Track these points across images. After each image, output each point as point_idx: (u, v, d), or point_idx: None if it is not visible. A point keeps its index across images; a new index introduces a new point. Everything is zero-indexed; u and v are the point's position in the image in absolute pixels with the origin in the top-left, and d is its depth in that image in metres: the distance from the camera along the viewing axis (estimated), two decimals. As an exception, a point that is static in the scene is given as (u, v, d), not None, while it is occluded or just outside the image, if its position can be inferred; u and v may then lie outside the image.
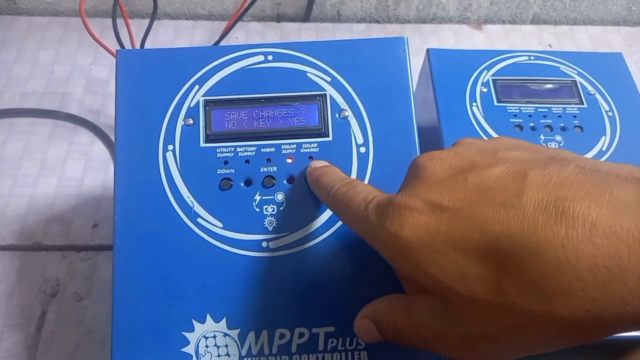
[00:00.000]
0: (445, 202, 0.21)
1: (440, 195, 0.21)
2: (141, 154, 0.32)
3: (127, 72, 0.33)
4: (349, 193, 0.26)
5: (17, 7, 0.66)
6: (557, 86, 0.44)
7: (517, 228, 0.18)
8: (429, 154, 0.24)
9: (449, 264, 0.20)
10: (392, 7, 0.69)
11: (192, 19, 0.68)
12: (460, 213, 0.20)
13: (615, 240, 0.17)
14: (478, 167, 0.22)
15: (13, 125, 0.56)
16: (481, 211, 0.20)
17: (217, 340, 0.29)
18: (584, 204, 0.18)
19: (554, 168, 0.20)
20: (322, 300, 0.30)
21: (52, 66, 0.61)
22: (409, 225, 0.21)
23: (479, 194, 0.20)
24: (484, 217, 0.19)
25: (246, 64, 0.33)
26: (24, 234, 0.50)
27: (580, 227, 0.17)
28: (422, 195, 0.22)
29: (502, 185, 0.20)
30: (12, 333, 0.44)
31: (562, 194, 0.18)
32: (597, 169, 0.19)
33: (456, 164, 0.23)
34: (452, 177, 0.22)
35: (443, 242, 0.20)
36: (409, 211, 0.21)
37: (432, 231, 0.21)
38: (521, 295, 0.18)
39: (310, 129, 0.32)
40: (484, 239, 0.19)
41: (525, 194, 0.19)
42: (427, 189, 0.22)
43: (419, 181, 0.23)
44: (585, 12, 0.72)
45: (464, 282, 0.20)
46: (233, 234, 0.30)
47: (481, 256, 0.19)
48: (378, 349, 0.29)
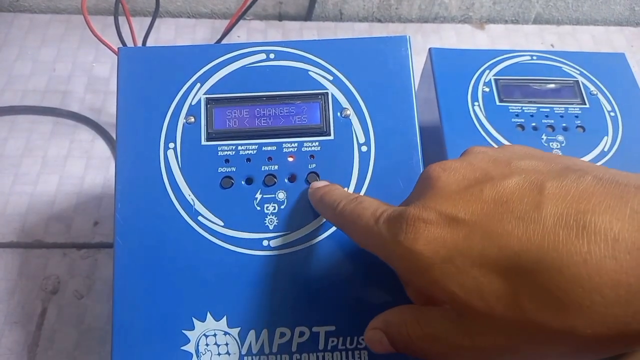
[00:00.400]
0: (461, 215, 0.20)
1: (455, 207, 0.21)
2: (142, 152, 0.32)
3: (128, 69, 0.33)
4: (356, 209, 0.25)
5: (19, 4, 0.66)
6: (559, 86, 0.44)
7: (538, 243, 0.18)
8: (440, 164, 0.24)
9: (467, 279, 0.20)
10: (395, 6, 0.69)
11: (194, 17, 0.68)
12: (478, 227, 0.20)
13: (637, 256, 0.16)
14: (493, 179, 0.21)
15: (14, 123, 0.56)
16: (499, 225, 0.19)
17: (218, 339, 0.29)
18: (605, 217, 0.17)
19: (571, 179, 0.19)
20: (322, 299, 0.29)
21: (53, 64, 0.61)
22: (424, 239, 0.21)
23: (495, 206, 0.20)
24: (503, 232, 0.19)
25: (248, 62, 0.33)
26: (25, 232, 0.50)
27: (603, 243, 0.17)
28: (437, 208, 0.21)
29: (519, 197, 0.20)
30: (12, 331, 0.44)
31: (582, 207, 0.18)
32: (616, 181, 0.19)
33: (470, 175, 0.22)
34: (466, 189, 0.21)
35: (460, 256, 0.20)
36: (424, 224, 0.21)
37: (449, 245, 0.20)
38: (541, 311, 0.18)
39: (311, 127, 0.32)
40: (503, 254, 0.19)
41: (545, 207, 0.19)
42: (442, 201, 0.21)
43: (431, 193, 0.22)
44: (587, 12, 0.72)
45: (483, 297, 0.19)
46: (234, 232, 0.30)
47: (500, 272, 0.19)
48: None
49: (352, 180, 0.31)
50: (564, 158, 0.23)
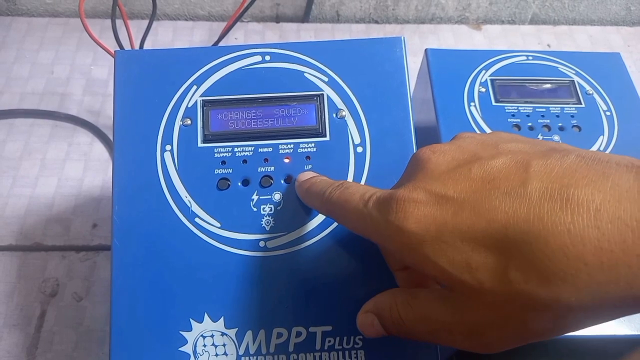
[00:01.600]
0: (450, 192, 0.21)
1: (444, 186, 0.21)
2: (139, 154, 0.32)
3: (125, 72, 0.33)
4: (343, 194, 0.25)
5: (17, 7, 0.66)
6: (555, 86, 0.44)
7: (524, 216, 0.19)
8: (430, 147, 0.24)
9: (456, 254, 0.20)
10: (391, 8, 0.69)
11: (191, 20, 0.69)
12: (466, 203, 0.20)
13: (619, 225, 0.17)
14: (481, 159, 0.22)
15: (13, 126, 0.56)
16: (487, 201, 0.20)
17: (215, 340, 0.29)
18: (587, 190, 0.18)
19: (556, 158, 0.20)
20: (319, 299, 0.30)
21: (51, 67, 0.61)
22: (414, 218, 0.21)
23: (483, 184, 0.21)
24: (490, 207, 0.20)
25: (244, 64, 0.34)
26: (24, 234, 0.50)
27: (585, 213, 0.18)
28: (426, 187, 0.22)
29: (506, 175, 0.20)
30: (11, 333, 0.45)
31: (566, 181, 0.19)
32: (598, 158, 0.20)
33: (459, 156, 0.23)
34: (455, 169, 0.22)
35: (450, 232, 0.20)
36: (414, 203, 0.21)
37: (438, 222, 0.21)
38: (528, 281, 0.18)
39: (307, 129, 0.32)
40: (491, 227, 0.19)
41: (530, 183, 0.19)
42: (431, 181, 0.22)
43: (421, 174, 0.23)
44: (584, 12, 0.72)
45: (472, 272, 0.20)
46: (230, 233, 0.31)
47: (488, 245, 0.19)
48: (375, 347, 0.29)
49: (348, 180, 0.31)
50: (549, 142, 0.23)
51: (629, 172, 0.18)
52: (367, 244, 0.30)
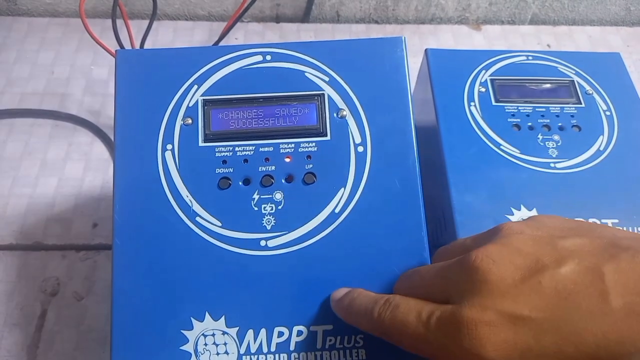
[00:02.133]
0: (525, 312, 0.20)
1: (516, 304, 0.20)
2: (140, 154, 0.32)
3: (126, 72, 0.33)
4: (397, 316, 0.24)
5: (17, 8, 0.66)
6: (555, 86, 0.44)
7: (614, 337, 0.18)
8: (485, 252, 0.22)
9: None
10: (391, 8, 0.69)
11: (191, 20, 0.69)
12: (546, 324, 0.19)
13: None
14: (547, 268, 0.20)
15: (13, 126, 0.56)
16: (570, 322, 0.19)
17: (216, 339, 0.29)
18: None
19: (626, 260, 0.19)
20: (320, 298, 0.30)
21: (52, 67, 0.61)
22: (492, 344, 0.20)
23: (560, 300, 0.19)
24: (576, 329, 0.19)
25: (245, 64, 0.34)
26: (24, 234, 0.50)
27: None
28: (496, 307, 0.20)
29: (582, 288, 0.19)
30: (12, 332, 0.45)
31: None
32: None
33: (520, 263, 0.21)
34: (523, 282, 0.20)
35: (535, 358, 0.19)
36: (487, 327, 0.20)
37: (521, 348, 0.19)
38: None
39: (308, 128, 0.33)
40: (580, 351, 0.18)
41: (611, 297, 0.19)
42: (500, 298, 0.20)
43: (485, 289, 0.21)
44: (583, 13, 0.72)
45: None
46: (231, 232, 0.31)
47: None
48: (376, 346, 0.29)
49: (348, 181, 0.32)
50: (603, 229, 0.22)
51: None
52: (367, 243, 0.30)
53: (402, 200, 0.31)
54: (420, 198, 0.31)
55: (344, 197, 0.31)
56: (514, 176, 0.39)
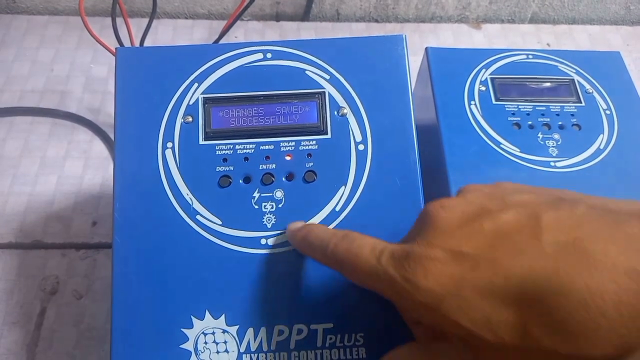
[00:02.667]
0: (464, 249, 0.21)
1: (459, 242, 0.21)
2: (140, 152, 0.32)
3: (126, 69, 0.33)
4: (352, 249, 0.25)
5: (17, 5, 0.66)
6: (555, 85, 0.44)
7: (540, 271, 0.19)
8: (438, 202, 0.24)
9: (476, 311, 0.20)
10: (391, 6, 0.69)
11: (191, 18, 0.69)
12: (482, 259, 0.20)
13: (636, 277, 0.17)
14: (491, 212, 0.22)
15: (13, 124, 0.56)
16: (502, 256, 0.20)
17: (216, 337, 0.29)
18: (601, 243, 0.18)
19: (565, 209, 0.20)
20: (320, 296, 0.30)
21: (51, 65, 0.61)
22: (433, 276, 0.21)
23: (496, 238, 0.21)
24: (506, 262, 0.20)
25: (245, 62, 0.34)
26: (24, 232, 0.50)
27: (602, 267, 0.18)
28: (441, 244, 0.22)
29: (518, 229, 0.20)
30: (11, 331, 0.45)
31: (579, 234, 0.19)
32: (607, 208, 0.20)
33: (468, 210, 0.23)
34: (467, 224, 0.22)
35: (469, 289, 0.20)
36: (431, 261, 0.21)
37: (457, 279, 0.21)
38: (550, 337, 0.18)
39: (309, 126, 0.33)
40: (509, 283, 0.19)
41: (544, 237, 0.19)
42: (444, 237, 0.22)
43: (433, 230, 0.23)
44: (583, 12, 0.72)
45: (492, 328, 0.20)
46: (232, 231, 0.31)
47: (508, 302, 0.19)
48: (376, 345, 0.29)
49: (349, 179, 0.32)
50: (554, 190, 0.23)
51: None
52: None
53: (402, 198, 0.31)
54: (421, 196, 0.31)
55: (344, 195, 0.31)
56: (514, 175, 0.39)
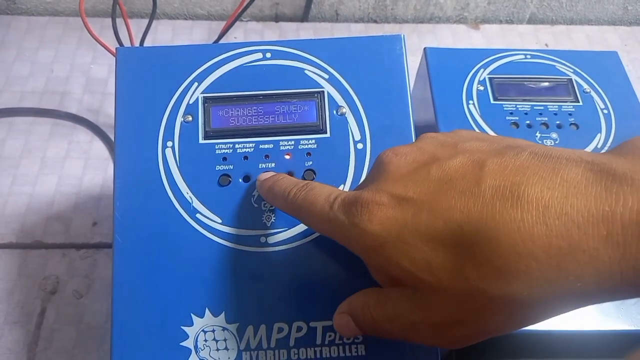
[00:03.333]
0: (409, 194, 0.22)
1: (405, 188, 0.22)
2: (141, 151, 0.32)
3: (126, 69, 0.33)
4: (308, 196, 0.26)
5: (17, 6, 0.66)
6: (553, 84, 0.44)
7: (477, 215, 0.19)
8: (392, 149, 0.25)
9: (417, 254, 0.21)
10: (390, 7, 0.70)
11: (190, 19, 0.69)
12: (425, 204, 0.21)
13: (566, 221, 0.18)
14: (439, 160, 0.22)
15: (13, 124, 0.56)
16: (443, 201, 0.21)
17: (216, 335, 0.29)
18: (537, 187, 0.19)
19: (510, 156, 0.21)
20: (319, 294, 0.30)
21: (51, 65, 0.61)
22: (377, 220, 0.22)
23: (441, 184, 0.21)
24: (447, 206, 0.20)
25: (245, 62, 0.34)
26: (24, 232, 0.50)
27: (534, 210, 0.18)
28: (388, 190, 0.22)
29: (462, 174, 0.21)
30: (12, 330, 0.45)
31: (517, 179, 0.19)
32: (550, 155, 0.20)
33: (419, 158, 0.24)
34: (415, 171, 0.23)
35: (410, 233, 0.21)
36: (377, 206, 0.22)
37: (400, 223, 0.21)
38: (482, 279, 0.19)
39: (308, 125, 0.33)
40: (447, 227, 0.20)
41: (484, 182, 0.20)
42: (392, 183, 0.23)
43: (384, 177, 0.24)
44: (581, 12, 0.72)
45: (431, 270, 0.20)
46: (231, 229, 0.31)
47: (445, 244, 0.20)
48: (375, 342, 0.29)
49: (348, 177, 0.32)
50: (507, 139, 0.24)
51: (578, 167, 0.19)
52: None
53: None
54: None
55: (343, 193, 0.31)
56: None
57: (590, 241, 0.17)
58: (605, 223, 0.17)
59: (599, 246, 0.17)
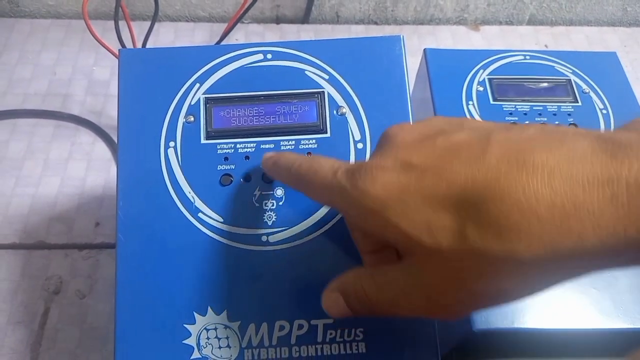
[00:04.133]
0: (414, 160, 0.22)
1: (409, 154, 0.22)
2: (143, 151, 0.32)
3: (129, 70, 0.34)
4: (313, 166, 0.26)
5: (20, 9, 0.66)
6: (552, 85, 0.45)
7: (481, 178, 0.20)
8: (399, 125, 0.25)
9: (417, 216, 0.21)
10: (390, 9, 0.70)
11: (192, 21, 0.69)
12: (429, 169, 0.21)
13: (571, 183, 0.18)
14: (446, 132, 0.23)
15: (16, 126, 0.57)
16: (448, 166, 0.21)
17: (218, 332, 0.29)
18: (543, 155, 0.19)
19: (516, 130, 0.21)
20: (320, 292, 0.30)
21: (54, 68, 0.62)
22: (380, 182, 0.22)
23: (446, 151, 0.21)
24: (451, 171, 0.20)
25: (246, 63, 0.34)
26: (27, 233, 0.50)
27: (540, 174, 0.18)
28: (393, 155, 0.23)
29: (468, 144, 0.21)
30: (15, 330, 0.45)
31: (523, 147, 0.20)
32: (557, 129, 0.21)
33: (425, 131, 0.24)
34: (421, 141, 0.23)
35: (412, 196, 0.21)
36: (381, 170, 0.22)
37: (402, 186, 0.21)
38: (484, 239, 0.19)
39: (308, 125, 0.33)
40: (450, 190, 0.20)
41: (489, 151, 0.20)
42: (398, 150, 0.23)
43: (389, 146, 0.24)
44: (581, 13, 0.73)
45: (431, 233, 0.20)
46: (233, 228, 0.31)
47: (447, 207, 0.20)
48: (376, 339, 0.30)
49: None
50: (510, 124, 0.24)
51: (584, 139, 0.19)
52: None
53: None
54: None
55: (344, 193, 0.32)
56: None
57: (594, 201, 0.17)
58: (610, 185, 0.17)
59: (603, 206, 0.17)
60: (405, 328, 0.30)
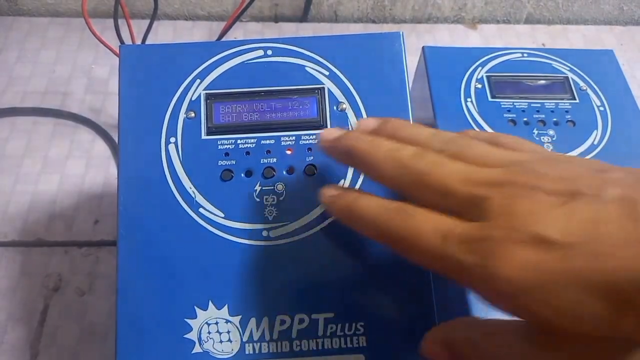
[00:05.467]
0: (554, 235, 0.19)
1: (546, 228, 0.19)
2: (144, 147, 0.32)
3: (130, 67, 0.34)
4: (409, 226, 0.22)
5: (18, 8, 0.66)
6: (550, 82, 0.45)
7: (636, 262, 0.17)
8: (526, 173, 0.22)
9: (561, 303, 0.18)
10: (388, 7, 0.70)
11: (191, 20, 0.69)
12: (575, 248, 0.18)
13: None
14: (584, 195, 0.20)
15: (15, 124, 0.57)
16: (598, 246, 0.18)
17: (219, 327, 0.30)
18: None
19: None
20: (321, 287, 0.30)
21: (53, 66, 0.62)
22: (515, 264, 0.19)
23: (591, 226, 0.19)
24: (603, 254, 0.18)
25: (246, 59, 0.34)
26: (27, 231, 0.50)
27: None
28: (526, 229, 0.19)
29: (617, 216, 0.18)
30: (15, 327, 0.45)
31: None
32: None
33: (556, 187, 0.20)
34: (556, 208, 0.20)
35: (556, 280, 0.18)
36: (512, 246, 0.19)
37: (542, 269, 0.18)
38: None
39: (308, 121, 0.33)
40: (605, 277, 0.18)
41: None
42: (525, 218, 0.20)
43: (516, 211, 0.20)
44: (578, 12, 0.73)
45: (577, 319, 0.18)
46: (234, 223, 0.31)
47: (600, 295, 0.18)
48: (377, 334, 0.30)
49: (348, 172, 0.32)
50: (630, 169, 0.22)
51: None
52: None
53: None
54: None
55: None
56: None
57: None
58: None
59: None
60: (406, 322, 0.30)
